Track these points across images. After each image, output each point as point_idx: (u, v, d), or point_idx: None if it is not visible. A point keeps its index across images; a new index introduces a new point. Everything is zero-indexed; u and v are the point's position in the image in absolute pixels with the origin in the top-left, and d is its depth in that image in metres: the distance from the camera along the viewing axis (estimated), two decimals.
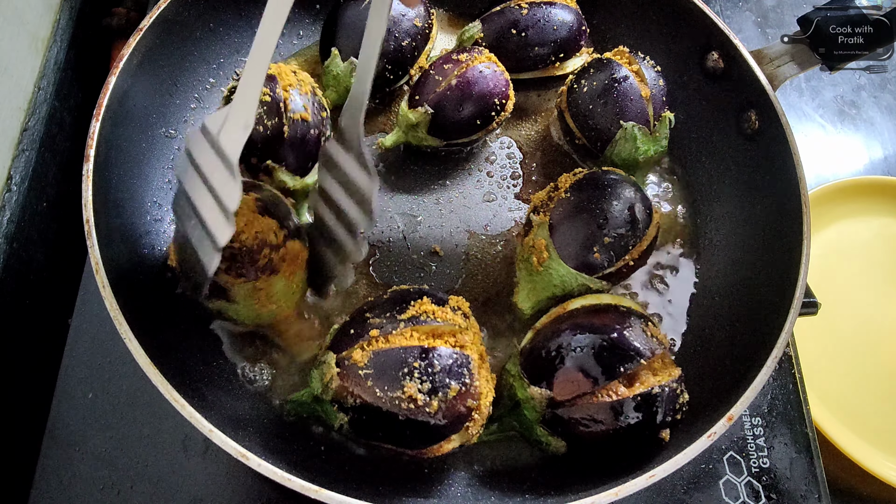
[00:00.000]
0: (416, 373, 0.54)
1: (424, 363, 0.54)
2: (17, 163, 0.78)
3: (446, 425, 0.55)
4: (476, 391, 0.56)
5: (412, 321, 0.57)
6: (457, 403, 0.55)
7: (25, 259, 0.77)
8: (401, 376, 0.54)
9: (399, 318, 0.57)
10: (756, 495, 0.69)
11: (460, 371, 0.55)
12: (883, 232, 1.00)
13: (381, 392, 0.54)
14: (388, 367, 0.54)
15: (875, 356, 0.92)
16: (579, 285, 0.65)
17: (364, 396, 0.54)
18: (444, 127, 0.76)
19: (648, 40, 0.86)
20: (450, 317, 0.58)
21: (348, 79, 0.78)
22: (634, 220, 0.65)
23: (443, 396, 0.54)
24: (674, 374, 0.59)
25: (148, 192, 0.72)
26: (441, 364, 0.54)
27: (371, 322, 0.57)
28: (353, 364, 0.55)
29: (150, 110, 0.73)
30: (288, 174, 0.69)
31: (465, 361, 0.56)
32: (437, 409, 0.54)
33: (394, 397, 0.54)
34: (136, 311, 0.60)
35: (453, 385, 0.54)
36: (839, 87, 1.17)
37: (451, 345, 0.56)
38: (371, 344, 0.56)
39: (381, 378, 0.54)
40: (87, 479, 0.64)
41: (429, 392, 0.54)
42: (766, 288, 0.68)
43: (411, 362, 0.54)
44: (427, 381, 0.54)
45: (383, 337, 0.56)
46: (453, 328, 0.57)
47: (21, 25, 0.80)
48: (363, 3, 0.78)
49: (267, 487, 0.65)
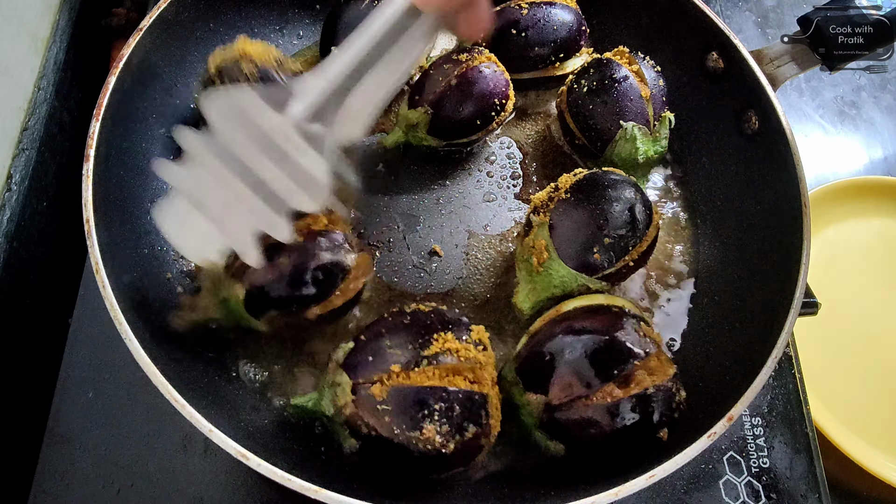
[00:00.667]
0: (437, 415, 0.53)
1: (445, 406, 0.54)
2: (17, 162, 0.78)
3: (458, 460, 0.56)
4: (490, 429, 0.56)
5: (434, 358, 0.56)
6: (472, 443, 0.55)
7: (25, 258, 0.77)
8: (420, 417, 0.53)
9: (422, 355, 0.56)
10: (756, 495, 0.69)
11: (478, 412, 0.55)
12: (883, 232, 1.00)
13: (398, 429, 0.54)
14: (408, 406, 0.54)
15: (875, 356, 0.91)
16: (579, 286, 0.65)
17: (380, 430, 0.54)
18: (444, 127, 0.76)
19: (648, 40, 0.86)
20: (472, 354, 0.57)
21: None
22: (635, 220, 0.65)
23: (460, 438, 0.54)
24: (669, 372, 0.59)
25: (148, 192, 0.72)
26: (461, 406, 0.54)
27: (391, 353, 0.56)
28: (370, 395, 0.54)
29: (150, 110, 0.73)
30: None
31: (483, 402, 0.56)
32: (453, 449, 0.54)
33: (411, 437, 0.53)
34: (136, 311, 0.60)
35: (471, 428, 0.54)
36: (839, 88, 1.17)
37: (469, 381, 0.56)
38: (391, 378, 0.55)
39: (400, 416, 0.54)
40: (87, 479, 0.64)
41: (447, 434, 0.54)
42: (766, 288, 0.68)
43: (432, 404, 0.54)
44: (446, 423, 0.54)
45: (405, 373, 0.55)
46: (474, 365, 0.57)
47: (21, 25, 0.80)
48: (363, 3, 0.78)
49: (267, 487, 0.65)
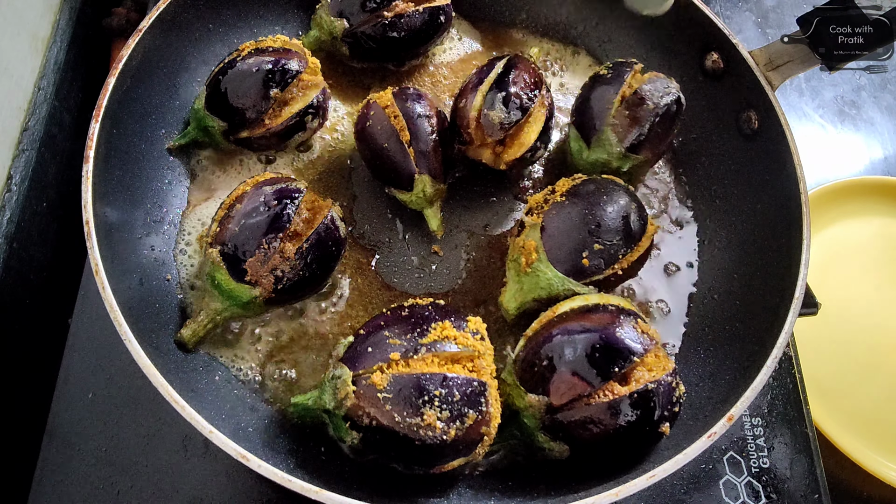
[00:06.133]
0: (437, 401, 0.54)
1: (445, 391, 0.54)
2: (17, 163, 0.78)
3: (459, 449, 0.56)
4: (490, 417, 0.56)
5: (433, 346, 0.57)
6: (472, 430, 0.55)
7: (25, 259, 0.77)
8: (421, 403, 0.54)
9: (420, 343, 0.57)
10: (756, 495, 0.69)
11: (478, 400, 0.56)
12: (883, 232, 1.00)
13: (399, 417, 0.54)
14: (408, 393, 0.54)
15: (875, 356, 0.92)
16: (565, 290, 0.65)
17: (381, 419, 0.54)
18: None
19: (649, 40, 0.86)
20: (470, 342, 0.58)
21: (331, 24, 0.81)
22: (628, 229, 0.65)
23: (460, 425, 0.54)
24: (668, 367, 0.59)
25: (148, 192, 0.72)
26: (461, 393, 0.55)
27: (391, 343, 0.57)
28: (371, 385, 0.55)
29: (150, 110, 0.73)
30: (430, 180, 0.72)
31: (483, 389, 0.56)
32: (454, 436, 0.54)
33: (412, 423, 0.54)
34: (136, 312, 0.60)
35: (471, 414, 0.55)
36: (839, 87, 1.17)
37: (468, 370, 0.57)
38: (391, 367, 0.56)
39: (401, 403, 0.54)
40: (87, 479, 0.64)
41: (447, 420, 0.54)
42: (766, 288, 0.68)
43: (432, 390, 0.54)
44: (446, 409, 0.54)
45: (404, 361, 0.56)
46: (472, 354, 0.57)
47: (21, 25, 0.81)
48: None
49: (267, 488, 0.65)
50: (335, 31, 0.81)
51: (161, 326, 0.64)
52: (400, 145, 0.71)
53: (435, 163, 0.72)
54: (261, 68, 0.72)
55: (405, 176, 0.72)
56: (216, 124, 0.73)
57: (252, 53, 0.73)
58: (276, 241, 0.62)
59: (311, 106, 0.75)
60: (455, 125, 0.75)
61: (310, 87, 0.75)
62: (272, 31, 0.85)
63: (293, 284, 0.63)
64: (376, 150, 0.72)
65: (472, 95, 0.73)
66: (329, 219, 0.65)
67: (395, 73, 0.87)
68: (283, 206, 0.63)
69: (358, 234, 0.76)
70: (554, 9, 0.91)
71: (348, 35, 0.80)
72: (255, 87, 0.72)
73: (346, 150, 0.81)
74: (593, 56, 0.91)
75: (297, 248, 0.62)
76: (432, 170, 0.72)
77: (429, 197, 0.73)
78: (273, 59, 0.73)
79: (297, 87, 0.74)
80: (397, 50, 0.83)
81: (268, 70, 0.72)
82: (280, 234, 0.62)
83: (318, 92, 0.75)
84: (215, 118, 0.73)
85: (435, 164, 0.72)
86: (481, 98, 0.72)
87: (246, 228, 0.62)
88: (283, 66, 0.72)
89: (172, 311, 0.67)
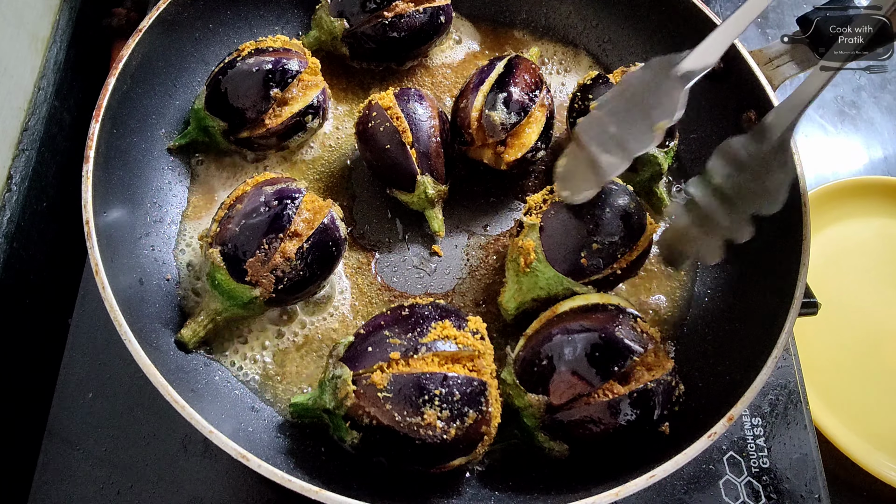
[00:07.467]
0: (437, 400, 0.54)
1: (445, 391, 0.54)
2: (17, 163, 0.78)
3: (459, 449, 0.56)
4: (490, 417, 0.56)
5: (433, 346, 0.57)
6: (472, 430, 0.55)
7: (25, 259, 0.77)
8: (421, 403, 0.54)
9: (420, 342, 0.57)
10: (756, 495, 0.69)
11: (478, 399, 0.56)
12: (883, 232, 1.00)
13: (399, 416, 0.54)
14: (409, 392, 0.54)
15: (875, 356, 0.92)
16: (564, 289, 0.65)
17: (381, 419, 0.54)
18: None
19: (649, 41, 0.86)
20: (470, 342, 0.58)
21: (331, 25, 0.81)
22: (626, 228, 0.65)
23: (460, 424, 0.55)
24: (667, 366, 0.59)
25: (148, 192, 0.72)
26: (461, 392, 0.55)
27: (391, 342, 0.57)
28: (371, 384, 0.55)
29: (150, 110, 0.73)
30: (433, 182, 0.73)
31: (483, 389, 0.56)
32: (454, 435, 0.54)
33: (412, 423, 0.54)
34: (136, 312, 0.60)
35: (471, 413, 0.55)
36: (839, 88, 1.17)
37: (468, 369, 0.57)
38: (391, 366, 0.56)
39: (401, 403, 0.54)
40: (87, 479, 0.64)
41: (447, 419, 0.54)
42: (766, 288, 0.68)
43: (432, 389, 0.54)
44: (447, 408, 0.54)
45: (404, 360, 0.56)
46: (472, 353, 0.57)
47: (21, 25, 0.80)
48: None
49: (267, 488, 0.65)
50: (335, 32, 0.81)
51: (161, 326, 0.64)
52: (402, 146, 0.71)
53: (437, 164, 0.72)
54: (261, 68, 0.72)
55: (407, 177, 0.72)
56: (216, 124, 0.73)
57: (252, 53, 0.73)
58: (277, 241, 0.62)
59: (311, 106, 0.75)
60: (456, 126, 0.75)
61: (310, 88, 0.75)
62: (272, 31, 0.85)
63: (293, 284, 0.63)
64: (378, 151, 0.72)
65: (473, 96, 0.73)
66: (329, 219, 0.65)
67: (396, 73, 0.87)
68: (284, 206, 0.63)
69: (358, 234, 0.76)
70: (554, 9, 0.91)
71: (348, 35, 0.80)
72: (255, 87, 0.71)
73: (346, 150, 0.81)
74: (593, 56, 0.91)
75: (297, 249, 0.62)
76: (434, 171, 0.72)
77: (430, 198, 0.73)
78: (273, 59, 0.72)
79: (297, 87, 0.74)
80: (397, 50, 0.83)
81: (268, 70, 0.72)
82: (280, 234, 0.62)
83: (318, 92, 0.75)
84: (215, 118, 0.73)
85: (437, 165, 0.72)
86: (482, 99, 0.72)
87: (246, 229, 0.62)
88: (283, 66, 0.72)
89: (172, 311, 0.67)
